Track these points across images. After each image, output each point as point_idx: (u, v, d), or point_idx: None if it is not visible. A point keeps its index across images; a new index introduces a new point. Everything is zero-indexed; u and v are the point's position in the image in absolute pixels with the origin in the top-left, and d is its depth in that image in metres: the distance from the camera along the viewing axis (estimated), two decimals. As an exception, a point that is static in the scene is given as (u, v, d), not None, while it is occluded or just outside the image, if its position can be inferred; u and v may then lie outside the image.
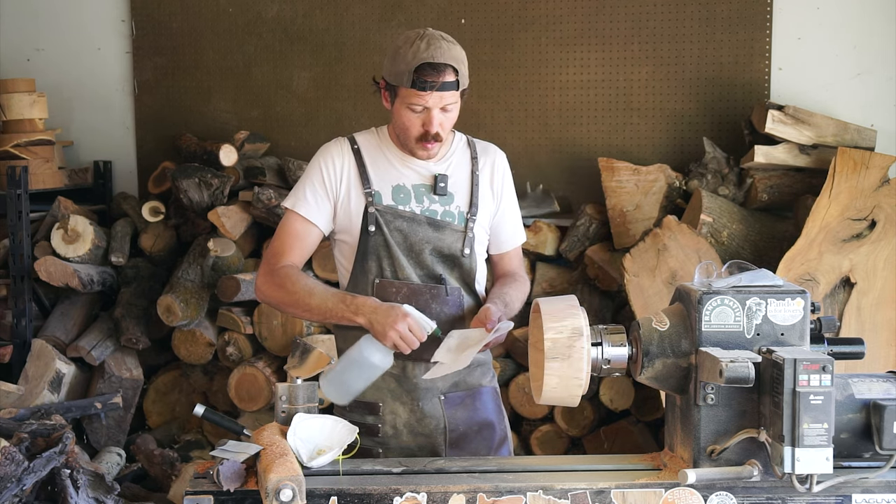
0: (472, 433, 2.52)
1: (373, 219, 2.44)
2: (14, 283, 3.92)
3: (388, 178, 2.48)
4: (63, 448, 2.99)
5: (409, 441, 2.49)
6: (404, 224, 2.45)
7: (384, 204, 2.46)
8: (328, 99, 4.29)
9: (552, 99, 4.09)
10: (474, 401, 2.54)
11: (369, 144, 2.53)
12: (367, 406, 2.49)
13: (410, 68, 2.34)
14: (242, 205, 4.07)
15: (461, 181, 2.52)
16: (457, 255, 2.48)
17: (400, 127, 2.44)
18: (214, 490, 1.96)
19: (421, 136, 2.42)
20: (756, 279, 2.04)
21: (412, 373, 2.48)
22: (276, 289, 2.45)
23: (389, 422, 2.49)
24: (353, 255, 2.48)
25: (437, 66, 2.34)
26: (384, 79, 2.46)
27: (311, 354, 3.79)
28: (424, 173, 2.50)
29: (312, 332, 3.93)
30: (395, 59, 2.39)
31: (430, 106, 2.37)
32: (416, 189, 2.48)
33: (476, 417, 2.53)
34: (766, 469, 1.92)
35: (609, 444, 3.85)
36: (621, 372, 2.09)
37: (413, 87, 2.35)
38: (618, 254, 3.80)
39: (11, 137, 4.08)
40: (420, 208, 2.47)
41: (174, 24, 4.37)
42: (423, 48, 2.35)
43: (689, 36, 3.98)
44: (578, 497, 1.95)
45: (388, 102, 2.46)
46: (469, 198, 2.51)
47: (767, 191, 3.78)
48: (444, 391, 2.51)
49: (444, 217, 2.48)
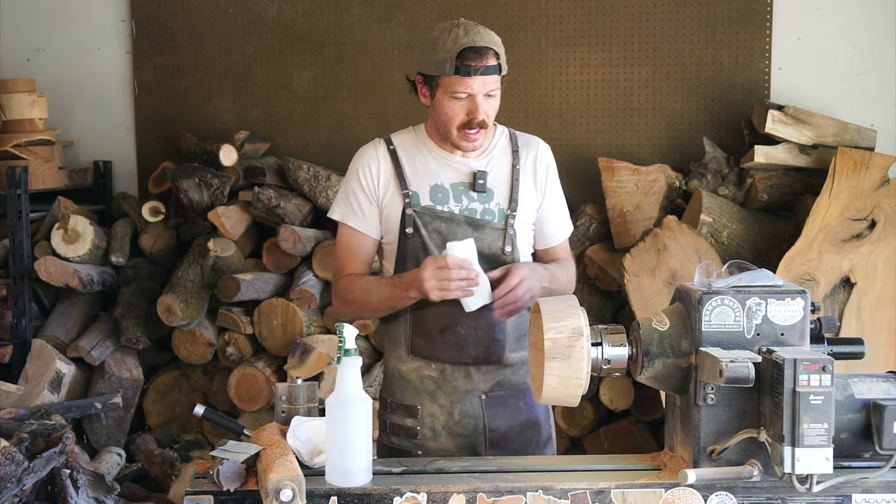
0: (514, 434, 2.47)
1: (410, 220, 2.40)
2: (14, 283, 3.93)
3: (426, 178, 2.43)
4: (63, 448, 2.99)
5: (447, 443, 2.44)
6: (442, 225, 2.40)
7: (422, 205, 2.41)
8: (328, 99, 4.29)
9: (552, 99, 4.09)
10: (518, 400, 2.47)
11: (406, 144, 2.46)
12: (406, 409, 2.46)
13: (452, 55, 2.29)
14: (242, 205, 4.07)
15: (501, 176, 2.45)
16: (497, 253, 2.41)
17: (442, 119, 2.38)
18: (214, 490, 1.96)
19: (465, 124, 2.35)
20: (756, 279, 2.04)
21: (451, 375, 2.43)
22: (344, 303, 2.47)
23: (428, 424, 2.44)
24: (393, 256, 2.44)
25: (479, 50, 2.30)
26: (420, 73, 2.39)
27: (311, 354, 3.79)
28: (463, 170, 2.43)
29: (312, 332, 3.93)
30: (434, 49, 2.33)
31: (474, 92, 2.32)
32: (455, 188, 2.42)
33: (519, 417, 2.47)
34: (766, 469, 1.91)
35: (609, 444, 3.85)
36: (621, 372, 2.09)
37: (456, 74, 2.29)
38: (618, 254, 3.80)
39: (11, 137, 4.08)
40: (459, 207, 2.41)
41: (174, 24, 4.37)
42: (461, 34, 2.31)
43: (689, 36, 3.98)
44: (578, 497, 1.95)
45: (427, 97, 2.40)
46: (509, 193, 2.44)
47: (767, 191, 3.79)
48: (486, 391, 2.44)
49: (484, 216, 2.42)
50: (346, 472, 1.97)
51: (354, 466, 1.96)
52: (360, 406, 1.95)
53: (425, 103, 2.42)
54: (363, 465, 1.98)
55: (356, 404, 1.95)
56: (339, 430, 1.96)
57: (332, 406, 1.97)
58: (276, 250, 3.99)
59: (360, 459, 1.97)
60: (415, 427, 2.45)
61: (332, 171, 4.02)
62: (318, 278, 3.96)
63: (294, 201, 4.01)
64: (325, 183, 3.97)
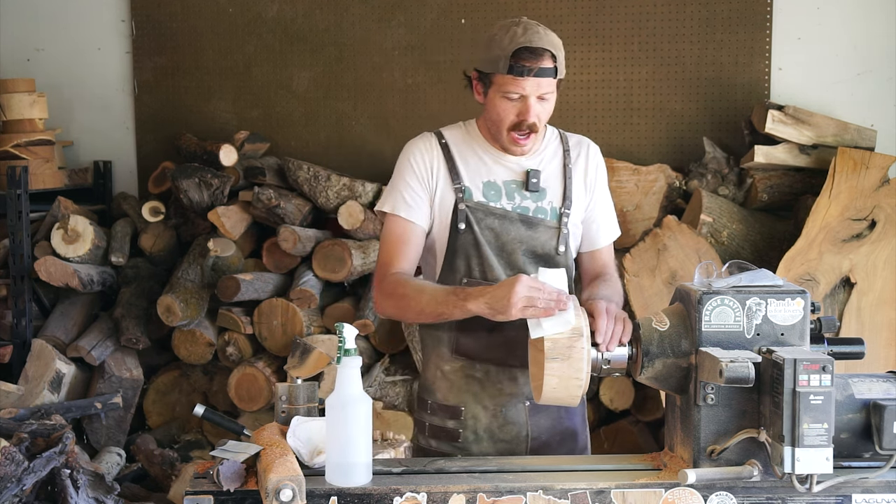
0: (555, 442, 2.41)
1: (463, 216, 2.33)
2: (14, 283, 3.93)
3: (479, 174, 2.36)
4: (63, 448, 2.99)
5: (489, 448, 2.38)
6: (496, 222, 2.33)
7: (475, 200, 2.34)
8: (328, 99, 4.29)
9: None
10: (559, 409, 2.39)
11: (457, 139, 2.40)
12: (449, 409, 2.38)
13: (507, 53, 2.23)
14: (242, 205, 4.07)
15: (553, 175, 2.39)
16: (551, 253, 2.35)
17: (493, 118, 2.32)
18: (214, 490, 1.96)
19: (514, 126, 2.29)
20: (756, 279, 2.04)
21: (496, 377, 2.36)
22: (388, 298, 2.32)
23: (471, 427, 2.37)
24: (442, 252, 2.37)
25: (534, 51, 2.23)
26: (476, 70, 2.34)
27: (311, 354, 3.79)
28: (516, 169, 2.36)
29: (312, 332, 3.93)
30: (490, 47, 2.28)
31: (526, 93, 2.25)
32: (507, 185, 2.36)
33: (559, 426, 2.41)
34: (766, 469, 1.91)
35: (609, 444, 3.85)
36: (621, 372, 2.09)
37: (510, 73, 2.23)
38: (618, 254, 3.79)
39: (11, 137, 4.08)
40: (511, 205, 2.35)
41: (174, 24, 4.37)
42: (519, 33, 2.25)
43: (689, 36, 3.98)
44: (578, 497, 1.95)
45: (481, 94, 2.34)
46: (562, 192, 2.38)
47: (767, 191, 3.79)
48: (530, 396, 2.35)
49: (537, 214, 2.36)
50: (346, 472, 1.96)
51: (354, 466, 1.96)
52: (360, 406, 1.95)
53: (479, 101, 2.36)
54: (363, 464, 1.97)
55: (356, 404, 1.95)
56: (339, 430, 1.95)
57: (332, 406, 1.96)
58: (276, 250, 3.99)
59: (360, 459, 1.97)
60: (457, 429, 2.37)
61: (332, 171, 4.02)
62: (318, 278, 3.96)
63: (294, 201, 4.01)
64: (325, 183, 3.97)
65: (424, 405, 2.43)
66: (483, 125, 2.40)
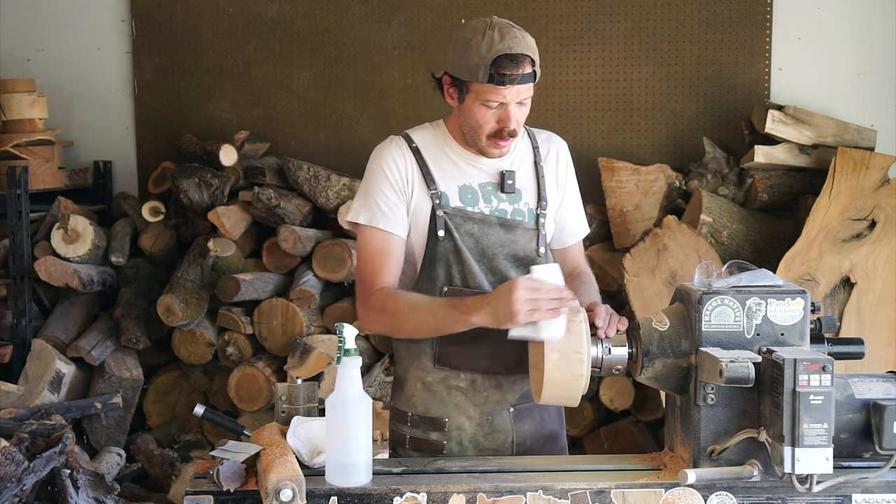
0: (538, 446, 2.38)
1: (441, 222, 2.26)
2: (14, 283, 3.93)
3: (454, 178, 2.29)
4: (63, 448, 2.99)
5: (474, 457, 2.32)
6: (475, 227, 2.27)
7: (452, 206, 2.27)
8: (328, 99, 4.29)
9: (552, 99, 4.09)
10: (541, 412, 2.38)
11: (427, 142, 2.32)
12: (432, 422, 2.32)
13: (486, 62, 2.15)
14: (242, 205, 4.07)
15: (527, 175, 2.35)
16: (531, 255, 2.31)
17: (471, 125, 2.25)
18: (214, 490, 1.96)
19: (495, 132, 2.23)
20: (756, 279, 2.04)
21: (481, 385, 2.31)
22: (378, 314, 2.25)
23: (455, 437, 2.32)
24: (419, 261, 2.30)
25: (515, 58, 2.16)
26: (448, 74, 2.25)
27: (311, 354, 3.79)
28: (490, 171, 2.31)
29: (312, 332, 3.93)
30: (466, 52, 2.18)
31: (507, 101, 2.20)
32: (483, 188, 2.30)
33: (542, 430, 2.39)
34: (766, 469, 1.92)
35: (609, 444, 3.85)
36: (621, 370, 2.09)
37: (490, 82, 2.16)
38: (618, 254, 3.80)
39: (11, 137, 4.07)
40: (489, 209, 2.29)
41: (174, 24, 4.37)
42: (497, 39, 2.16)
43: (689, 36, 3.98)
44: (578, 497, 1.95)
45: (455, 99, 2.26)
46: (537, 192, 2.34)
47: (767, 191, 3.79)
48: (514, 403, 2.33)
49: (515, 216, 2.31)
50: (346, 472, 1.96)
51: (354, 466, 1.96)
52: (360, 406, 1.95)
53: (452, 105, 2.29)
54: (363, 464, 1.97)
55: (356, 404, 1.95)
56: (339, 430, 1.95)
57: (332, 406, 1.96)
58: (276, 250, 3.99)
59: (360, 459, 1.97)
60: (440, 441, 2.32)
61: (332, 171, 4.02)
62: (318, 278, 3.96)
63: (294, 201, 4.01)
64: (325, 183, 3.97)
65: (404, 418, 2.36)
66: (455, 127, 2.33)
